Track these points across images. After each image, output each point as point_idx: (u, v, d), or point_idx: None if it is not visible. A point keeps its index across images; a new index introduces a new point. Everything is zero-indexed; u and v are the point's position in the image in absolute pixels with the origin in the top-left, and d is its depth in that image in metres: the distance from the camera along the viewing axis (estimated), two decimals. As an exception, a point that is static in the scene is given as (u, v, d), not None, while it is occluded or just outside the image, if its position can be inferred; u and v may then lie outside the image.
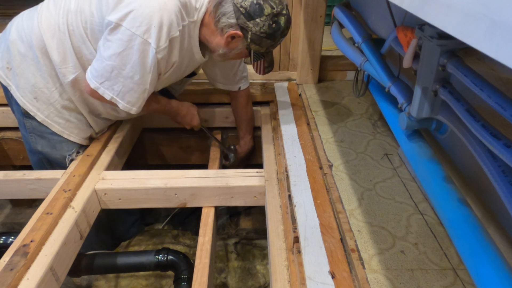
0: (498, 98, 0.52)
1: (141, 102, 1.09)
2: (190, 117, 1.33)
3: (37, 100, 1.15)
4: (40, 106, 1.15)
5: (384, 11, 0.99)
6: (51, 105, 1.16)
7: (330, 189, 0.96)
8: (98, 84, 1.03)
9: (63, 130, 1.20)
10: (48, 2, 1.14)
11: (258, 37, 1.01)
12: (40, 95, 1.14)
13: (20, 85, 1.13)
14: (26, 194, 1.18)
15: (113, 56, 1.00)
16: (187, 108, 1.32)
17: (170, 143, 1.65)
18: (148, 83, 1.05)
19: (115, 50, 0.99)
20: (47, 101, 1.15)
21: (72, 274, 1.14)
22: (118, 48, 0.99)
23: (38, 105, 1.15)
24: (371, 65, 1.04)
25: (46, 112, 1.16)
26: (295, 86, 1.59)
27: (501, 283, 0.52)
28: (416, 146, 0.84)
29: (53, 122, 1.18)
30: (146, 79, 1.04)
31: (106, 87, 1.04)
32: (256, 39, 1.02)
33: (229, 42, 1.04)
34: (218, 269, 1.50)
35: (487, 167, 0.57)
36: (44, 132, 1.19)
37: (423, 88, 0.73)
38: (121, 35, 0.98)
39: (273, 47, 1.07)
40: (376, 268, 0.76)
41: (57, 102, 1.16)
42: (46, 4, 1.14)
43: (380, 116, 1.33)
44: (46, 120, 1.17)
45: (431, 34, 0.67)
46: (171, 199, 1.13)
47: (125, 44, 0.98)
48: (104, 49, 1.01)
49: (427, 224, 0.86)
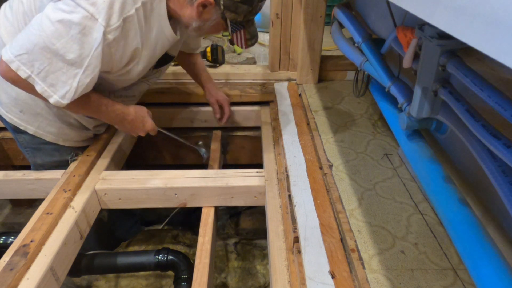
0: (498, 98, 0.52)
1: (70, 90, 0.88)
2: (141, 121, 1.13)
3: (24, 113, 1.08)
4: (28, 119, 1.09)
5: (384, 11, 0.99)
6: (38, 115, 1.10)
7: (330, 189, 0.96)
8: (13, 56, 0.83)
9: (57, 138, 1.16)
10: (5, 9, 1.04)
11: (232, 3, 0.90)
12: (25, 107, 1.07)
13: (2, 101, 1.07)
14: (26, 194, 1.18)
15: (45, 26, 0.82)
16: (134, 112, 1.11)
17: (170, 143, 1.65)
18: (83, 67, 0.87)
19: (49, 20, 0.82)
20: (33, 112, 1.09)
21: (72, 274, 1.14)
22: (54, 17, 0.82)
23: (26, 117, 1.09)
24: (371, 65, 1.04)
25: (36, 123, 1.11)
26: (295, 86, 1.59)
27: (501, 283, 0.52)
28: (416, 146, 0.84)
29: (45, 133, 1.13)
30: (82, 62, 0.86)
31: (24, 61, 0.84)
32: (230, 5, 0.90)
33: (201, 12, 0.93)
34: (218, 269, 1.50)
35: (487, 167, 0.57)
36: (38, 143, 1.15)
37: (423, 88, 0.73)
38: (62, 5, 0.83)
39: (252, 14, 0.95)
40: (376, 268, 0.76)
41: (44, 111, 1.10)
42: (2, 12, 1.04)
43: (380, 116, 1.33)
44: (38, 131, 1.12)
45: (431, 34, 0.67)
46: (171, 199, 1.13)
47: (64, 14, 0.82)
48: (35, 19, 0.85)
49: (427, 224, 0.86)
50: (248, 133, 1.63)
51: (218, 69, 1.66)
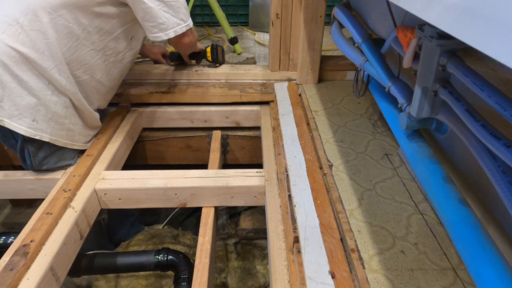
0: (498, 98, 0.52)
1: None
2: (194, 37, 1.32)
3: (37, 122, 1.07)
4: (42, 126, 1.08)
5: (384, 11, 0.99)
6: (50, 120, 1.09)
7: (330, 189, 0.96)
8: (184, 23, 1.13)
9: (67, 142, 1.16)
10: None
11: None
12: (37, 115, 1.06)
13: (12, 114, 1.03)
14: (26, 194, 1.18)
15: None
16: None
17: (170, 143, 1.65)
18: None
19: None
20: (45, 118, 1.08)
21: (72, 274, 1.14)
22: None
23: (39, 126, 1.08)
24: (371, 65, 1.04)
25: (49, 129, 1.10)
26: (295, 86, 1.59)
27: (501, 283, 0.52)
28: (416, 146, 0.84)
29: (58, 138, 1.13)
30: None
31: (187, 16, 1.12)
32: None
33: None
34: (218, 269, 1.50)
35: (487, 167, 0.57)
36: (48, 150, 1.14)
37: (423, 88, 0.73)
38: None
39: None
40: (376, 268, 0.76)
41: (55, 115, 1.10)
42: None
43: (380, 116, 1.33)
44: (52, 137, 1.11)
45: (431, 34, 0.67)
46: (171, 199, 1.14)
47: None
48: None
49: (427, 224, 0.86)
50: (248, 133, 1.63)
51: (218, 69, 1.66)
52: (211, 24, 2.61)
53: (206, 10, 2.55)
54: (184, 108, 1.56)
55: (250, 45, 2.24)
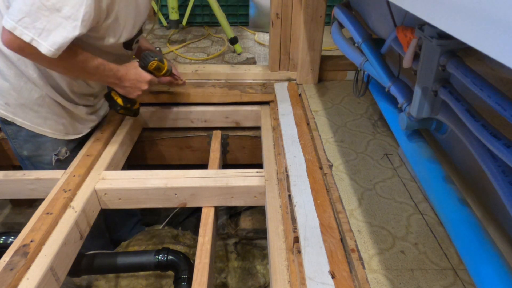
0: (498, 98, 0.52)
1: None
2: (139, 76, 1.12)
3: (9, 105, 1.09)
4: (14, 110, 1.10)
5: (384, 11, 0.99)
6: (23, 106, 1.10)
7: (330, 189, 0.96)
8: (14, 23, 0.82)
9: (45, 130, 1.16)
10: None
11: None
12: (10, 99, 1.08)
13: None
14: (26, 194, 1.18)
15: None
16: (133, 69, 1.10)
17: (170, 143, 1.65)
18: (80, 19, 0.85)
19: None
20: (18, 103, 1.09)
21: (72, 274, 1.14)
22: None
23: (11, 109, 1.09)
24: (371, 65, 1.04)
25: (22, 114, 1.11)
26: (295, 86, 1.59)
27: (501, 283, 0.52)
28: (416, 146, 0.84)
29: (32, 124, 1.13)
30: (78, 13, 0.84)
31: (25, 25, 0.83)
32: None
33: None
34: (218, 269, 1.50)
35: (487, 167, 0.57)
36: (26, 135, 1.15)
37: (423, 88, 0.73)
38: None
39: None
40: (376, 268, 0.76)
41: (29, 102, 1.10)
42: None
43: (380, 116, 1.33)
44: (25, 122, 1.12)
45: (431, 34, 0.67)
46: (171, 199, 1.14)
47: None
48: None
49: (427, 224, 0.86)
50: (248, 133, 1.63)
51: (218, 69, 1.66)
52: (211, 24, 2.61)
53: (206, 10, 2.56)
54: (184, 108, 1.56)
55: (250, 45, 2.24)
